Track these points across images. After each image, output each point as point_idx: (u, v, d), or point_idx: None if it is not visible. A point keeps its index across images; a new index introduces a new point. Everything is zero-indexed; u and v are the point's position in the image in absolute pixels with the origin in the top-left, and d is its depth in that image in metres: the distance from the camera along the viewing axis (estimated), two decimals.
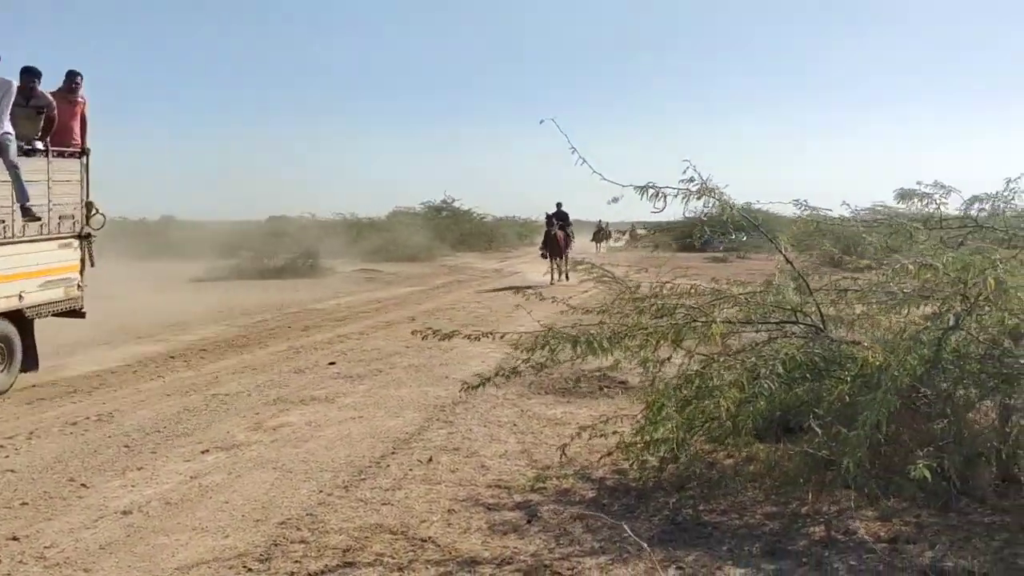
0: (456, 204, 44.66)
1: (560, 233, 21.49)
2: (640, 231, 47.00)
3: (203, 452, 5.86)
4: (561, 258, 21.25)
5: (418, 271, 27.54)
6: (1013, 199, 5.49)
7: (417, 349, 10.42)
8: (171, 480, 5.22)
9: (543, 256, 21.99)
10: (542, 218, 24.31)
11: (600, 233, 42.66)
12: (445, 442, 6.08)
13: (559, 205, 22.78)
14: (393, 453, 5.80)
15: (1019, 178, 5.43)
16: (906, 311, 4.77)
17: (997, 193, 5.61)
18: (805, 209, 5.65)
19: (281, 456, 5.74)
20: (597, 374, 7.95)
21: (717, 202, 5.08)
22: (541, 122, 5.04)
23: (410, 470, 5.38)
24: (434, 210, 44.47)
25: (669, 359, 5.20)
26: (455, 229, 41.88)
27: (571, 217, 23.15)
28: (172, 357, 9.96)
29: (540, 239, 24.51)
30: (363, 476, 5.26)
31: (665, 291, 5.33)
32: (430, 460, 5.60)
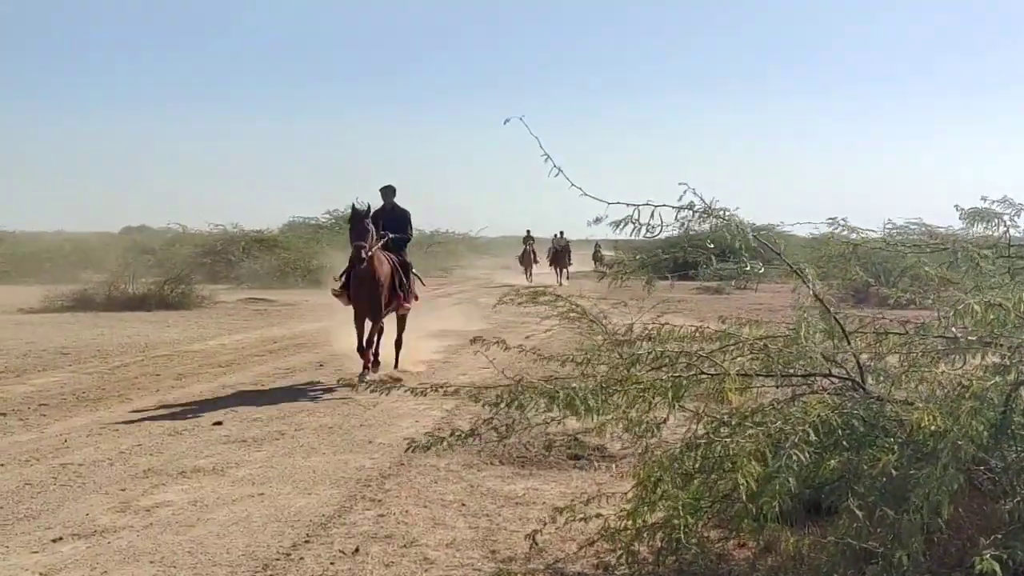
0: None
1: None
2: (605, 252, 47.10)
3: (55, 541, 5.77)
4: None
5: (326, 301, 27.37)
6: None
7: (329, 404, 10.41)
8: None
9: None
10: (487, 234, 25.94)
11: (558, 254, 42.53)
12: (374, 527, 6.07)
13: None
14: (307, 542, 5.77)
15: None
16: (962, 362, 4.92)
17: None
18: (837, 227, 5.82)
19: (159, 547, 5.67)
20: (567, 439, 8.01)
21: (724, 225, 5.22)
22: (506, 121, 5.11)
23: (331, 564, 5.37)
24: (344, 221, 44.40)
25: (665, 421, 5.28)
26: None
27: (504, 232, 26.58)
28: (2, 414, 9.79)
29: (497, 259, 27.09)
30: (269, 573, 5.23)
31: (662, 334, 5.42)
32: (356, 551, 5.58)
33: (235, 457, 8.03)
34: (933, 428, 4.23)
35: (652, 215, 5.08)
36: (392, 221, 13.40)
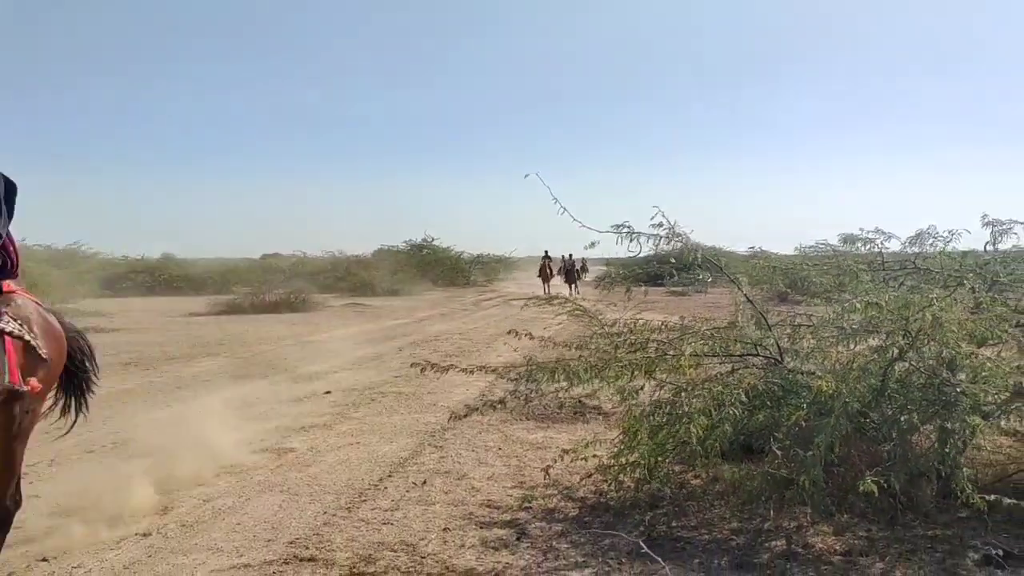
0: (435, 242, 44.81)
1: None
2: (599, 267, 46.61)
3: (215, 476, 5.86)
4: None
5: (403, 305, 27.61)
6: (951, 240, 5.70)
7: (405, 379, 10.46)
8: (185, 504, 5.23)
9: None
10: (516, 255, 26.28)
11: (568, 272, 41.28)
12: (437, 465, 6.12)
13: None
14: (390, 476, 5.83)
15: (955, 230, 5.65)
16: (854, 344, 4.92)
17: (932, 235, 5.81)
18: (758, 251, 5.84)
19: (286, 480, 5.75)
20: (573, 401, 8.02)
21: (683, 247, 5.25)
22: (526, 176, 5.16)
23: (406, 492, 5.42)
24: (416, 248, 44.56)
25: (643, 388, 5.30)
26: (436, 266, 41.98)
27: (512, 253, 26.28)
28: (179, 388, 9.97)
29: (517, 275, 26.22)
30: (363, 498, 5.29)
31: (637, 327, 5.44)
32: (424, 483, 5.64)
33: (340, 416, 8.12)
34: (829, 391, 4.25)
35: (631, 238, 5.12)
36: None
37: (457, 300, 30.59)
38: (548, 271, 33.44)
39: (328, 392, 9.55)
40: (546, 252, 34.93)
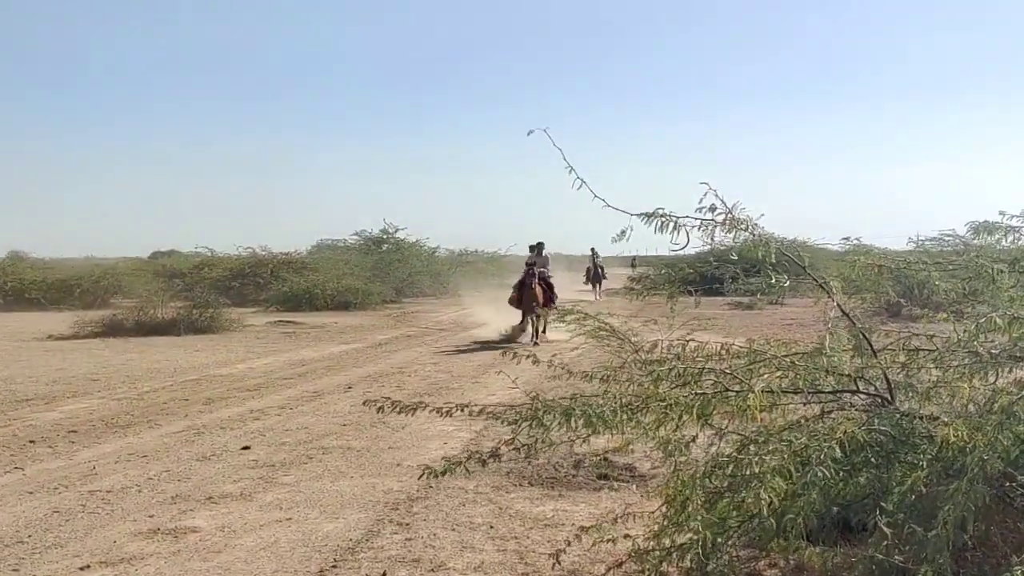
0: (400, 234, 44.79)
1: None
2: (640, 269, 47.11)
3: (82, 569, 5.86)
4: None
5: (353, 323, 27.62)
6: None
7: (357, 428, 10.50)
8: None
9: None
10: (511, 252, 25.63)
11: (595, 272, 42.29)
12: (402, 551, 6.12)
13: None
14: (334, 567, 5.83)
15: None
16: (994, 376, 4.92)
17: None
18: (856, 245, 5.84)
19: (186, 573, 5.76)
20: (596, 458, 8.05)
21: (750, 236, 5.25)
22: (530, 133, 5.15)
23: None
24: (372, 242, 44.58)
25: (695, 439, 5.31)
26: (400, 267, 41.90)
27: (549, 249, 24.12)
28: (32, 442, 9.93)
29: (513, 279, 24.81)
30: None
31: (687, 351, 5.45)
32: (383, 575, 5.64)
33: (263, 482, 8.12)
34: (961, 444, 4.25)
35: (675, 229, 5.12)
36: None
37: (431, 314, 30.62)
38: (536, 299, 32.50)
39: (246, 448, 9.55)
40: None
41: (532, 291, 20.85)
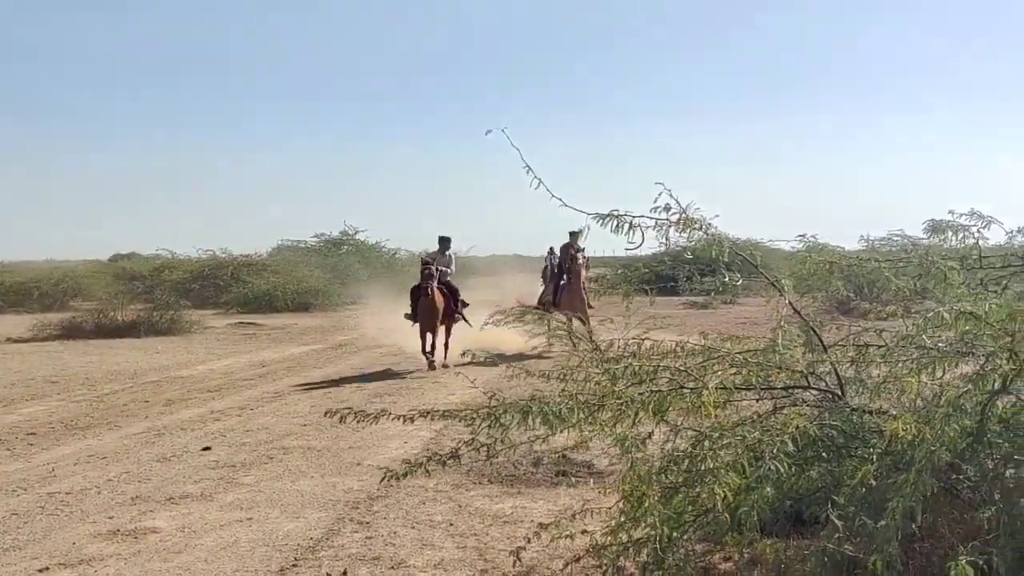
0: (360, 236, 44.67)
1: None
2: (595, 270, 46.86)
3: (41, 571, 5.78)
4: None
5: (314, 324, 27.48)
6: None
7: (317, 428, 10.45)
8: None
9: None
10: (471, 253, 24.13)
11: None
12: (362, 549, 6.09)
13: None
14: (295, 566, 5.80)
15: None
16: (943, 371, 4.98)
17: None
18: (810, 244, 5.90)
19: (147, 574, 5.70)
20: (555, 456, 8.05)
21: (703, 236, 5.27)
22: (487, 133, 5.14)
23: None
24: (331, 244, 44.43)
25: (651, 435, 5.33)
26: (361, 268, 41.73)
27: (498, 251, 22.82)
28: None
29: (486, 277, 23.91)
30: None
31: (642, 350, 5.46)
32: (343, 574, 5.61)
33: (223, 482, 8.05)
34: (909, 437, 4.29)
35: (630, 229, 5.12)
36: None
37: (393, 315, 30.50)
38: (435, 309, 26.57)
39: (207, 448, 9.47)
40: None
41: (430, 300, 16.29)
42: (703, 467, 4.67)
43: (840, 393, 5.03)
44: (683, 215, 5.11)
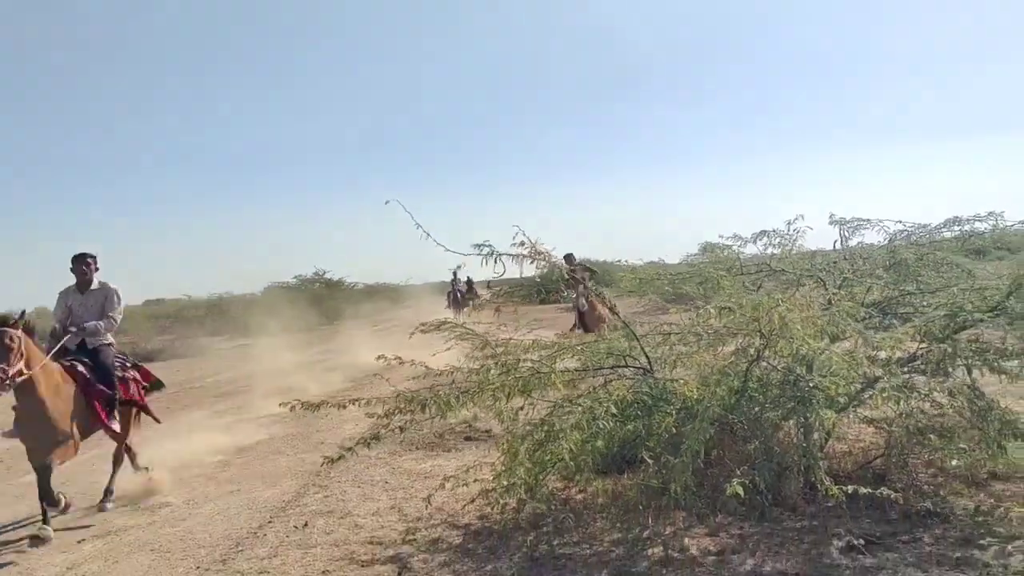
0: (327, 275, 44.22)
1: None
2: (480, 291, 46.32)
3: (79, 542, 5.55)
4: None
5: (299, 339, 26.95)
6: (796, 240, 5.96)
7: (294, 418, 10.18)
8: (45, 573, 4.92)
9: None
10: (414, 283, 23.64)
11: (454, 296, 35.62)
12: (320, 506, 5.97)
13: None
14: (270, 522, 5.64)
15: (796, 220, 5.94)
16: (720, 348, 5.08)
17: (782, 233, 6.05)
18: (656, 263, 5.99)
19: (159, 537, 5.50)
20: (463, 426, 8.00)
21: (546, 265, 5.29)
22: (387, 203, 5.09)
23: (286, 537, 5.26)
24: (307, 282, 43.79)
25: (522, 408, 5.32)
26: (329, 300, 41.17)
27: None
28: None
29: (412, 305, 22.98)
30: (240, 548, 5.10)
31: (509, 346, 5.46)
32: (305, 525, 5.48)
33: (221, 464, 7.83)
34: (693, 396, 4.37)
35: (495, 259, 5.10)
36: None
37: (354, 332, 30.11)
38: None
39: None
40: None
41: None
42: (556, 428, 4.69)
43: (649, 368, 5.09)
44: (532, 250, 5.13)
